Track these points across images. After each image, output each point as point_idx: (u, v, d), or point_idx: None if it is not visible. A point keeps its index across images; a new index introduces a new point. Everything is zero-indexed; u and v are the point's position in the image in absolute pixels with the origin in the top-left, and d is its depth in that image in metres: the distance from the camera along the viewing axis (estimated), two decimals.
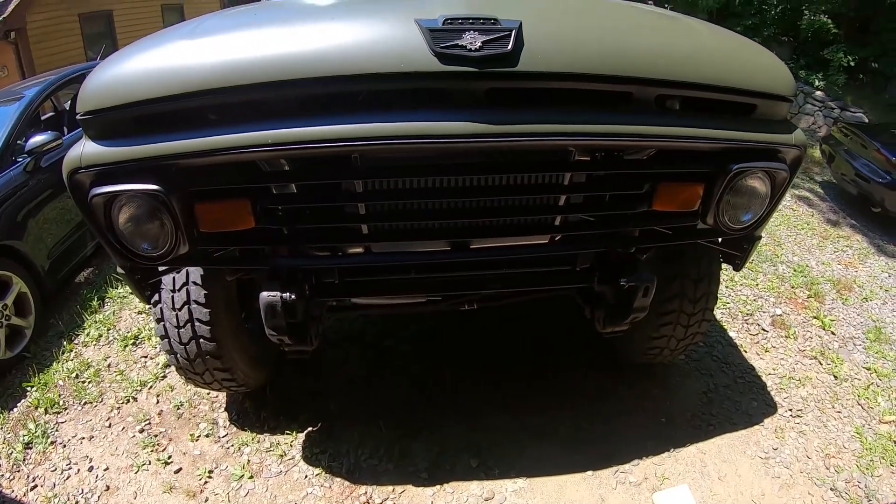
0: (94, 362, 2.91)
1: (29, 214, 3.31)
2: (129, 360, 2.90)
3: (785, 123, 1.49)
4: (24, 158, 3.42)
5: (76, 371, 2.84)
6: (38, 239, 3.32)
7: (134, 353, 2.94)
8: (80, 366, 2.88)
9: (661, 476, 2.21)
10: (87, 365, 2.88)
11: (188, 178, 1.32)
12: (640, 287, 1.69)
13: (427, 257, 1.64)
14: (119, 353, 2.95)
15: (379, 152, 1.35)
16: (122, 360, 2.90)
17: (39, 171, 3.46)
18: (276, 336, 1.68)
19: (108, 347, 3.02)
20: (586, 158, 1.52)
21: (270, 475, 2.20)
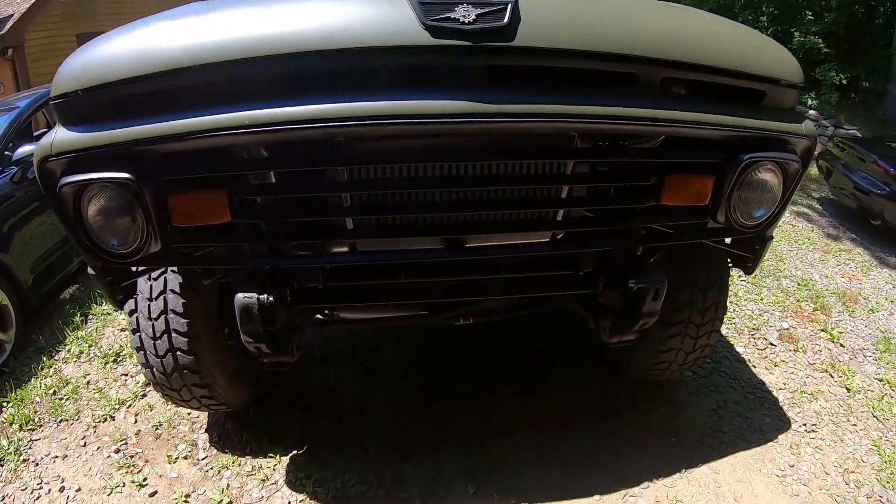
0: (73, 379, 2.72)
1: (14, 226, 3.18)
2: (109, 377, 2.71)
3: (794, 113, 1.39)
4: (12, 169, 3.28)
5: (54, 387, 2.66)
6: (22, 252, 3.18)
7: (114, 371, 2.75)
8: (59, 382, 2.70)
9: (674, 499, 2.02)
10: (66, 382, 2.70)
11: (161, 166, 1.21)
12: (649, 289, 1.52)
13: (418, 256, 1.48)
14: (99, 370, 2.77)
15: (365, 134, 1.21)
16: (102, 378, 2.71)
17: (26, 182, 3.32)
18: (253, 344, 1.51)
19: (89, 364, 2.83)
20: (589, 146, 1.38)
21: (251, 501, 1.99)
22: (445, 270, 1.55)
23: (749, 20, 8.70)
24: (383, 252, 1.52)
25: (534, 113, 1.12)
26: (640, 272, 1.53)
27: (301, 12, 1.14)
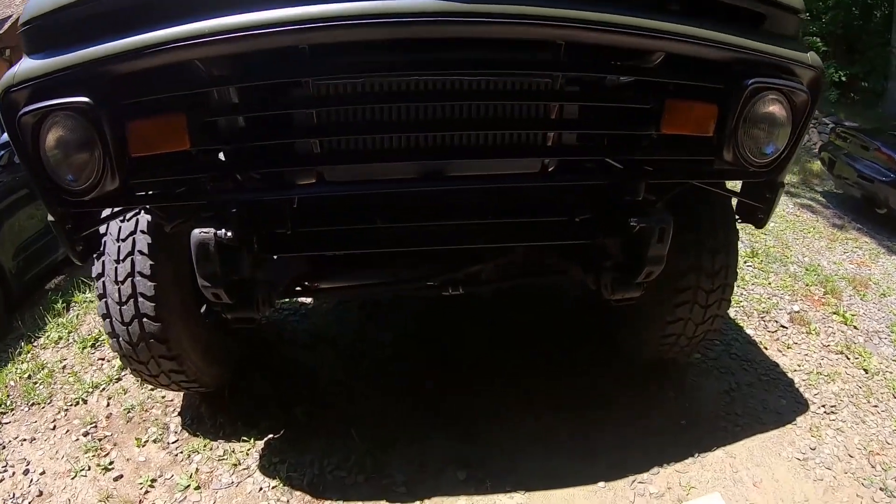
0: (50, 364, 2.52)
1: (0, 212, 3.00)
2: (86, 362, 2.50)
3: (797, 42, 1.28)
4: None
5: (29, 372, 2.48)
6: (6, 238, 3.02)
7: (92, 356, 2.54)
8: (35, 367, 2.51)
9: (687, 485, 1.79)
10: (42, 366, 2.51)
11: (119, 89, 1.13)
12: (653, 230, 1.32)
13: (392, 186, 1.29)
14: (77, 355, 2.57)
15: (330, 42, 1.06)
16: (79, 363, 2.51)
17: (13, 167, 3.16)
18: (210, 289, 1.33)
19: (67, 350, 2.63)
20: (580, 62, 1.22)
21: (220, 486, 1.78)
22: (424, 214, 1.35)
23: None
24: (353, 182, 1.34)
25: (513, 14, 0.98)
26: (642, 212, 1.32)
27: None
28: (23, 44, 1.16)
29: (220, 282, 1.31)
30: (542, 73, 1.20)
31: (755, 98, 1.20)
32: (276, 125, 1.27)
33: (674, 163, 1.35)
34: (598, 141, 1.32)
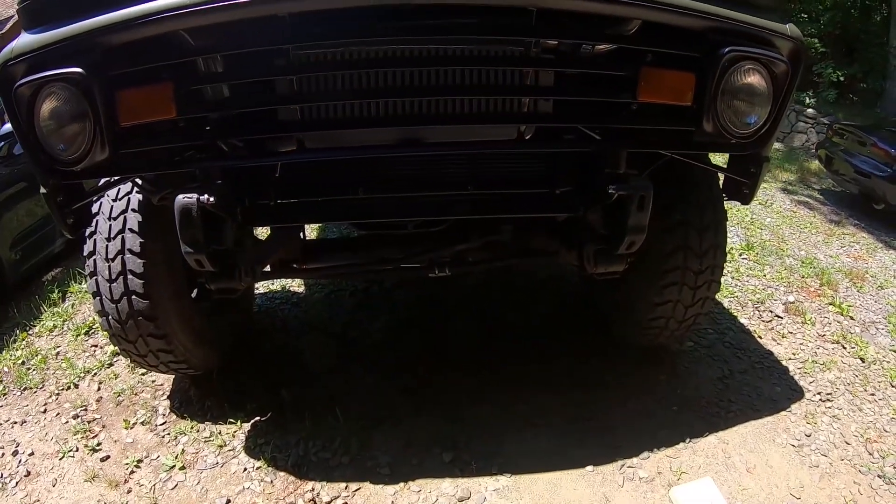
0: (43, 351, 2.50)
1: None
2: (79, 349, 2.48)
3: (776, 13, 1.26)
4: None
5: (23, 358, 2.46)
6: (3, 230, 2.97)
7: (85, 343, 2.52)
8: (29, 354, 2.49)
9: (678, 470, 1.74)
10: (36, 353, 2.49)
11: (109, 60, 1.16)
12: (633, 197, 1.28)
13: (371, 152, 1.27)
14: (70, 342, 2.54)
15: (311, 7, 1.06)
16: (72, 350, 2.48)
17: (12, 158, 3.14)
18: (193, 255, 1.32)
19: (61, 337, 2.61)
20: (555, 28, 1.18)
21: (205, 467, 1.74)
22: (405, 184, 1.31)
23: None
24: (333, 149, 1.32)
25: None
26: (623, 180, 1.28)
27: None
28: (21, 20, 1.18)
29: (202, 248, 1.29)
30: (516, 40, 1.17)
31: (733, 67, 1.18)
32: (259, 93, 1.26)
33: (653, 133, 1.31)
34: (573, 108, 1.29)
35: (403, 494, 1.62)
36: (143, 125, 1.21)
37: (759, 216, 4.62)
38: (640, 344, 2.16)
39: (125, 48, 1.15)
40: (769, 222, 4.47)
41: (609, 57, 1.25)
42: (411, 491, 1.63)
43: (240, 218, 1.37)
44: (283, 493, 1.62)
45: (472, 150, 1.26)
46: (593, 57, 1.24)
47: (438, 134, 1.25)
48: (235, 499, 1.62)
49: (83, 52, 1.13)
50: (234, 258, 1.44)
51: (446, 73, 1.19)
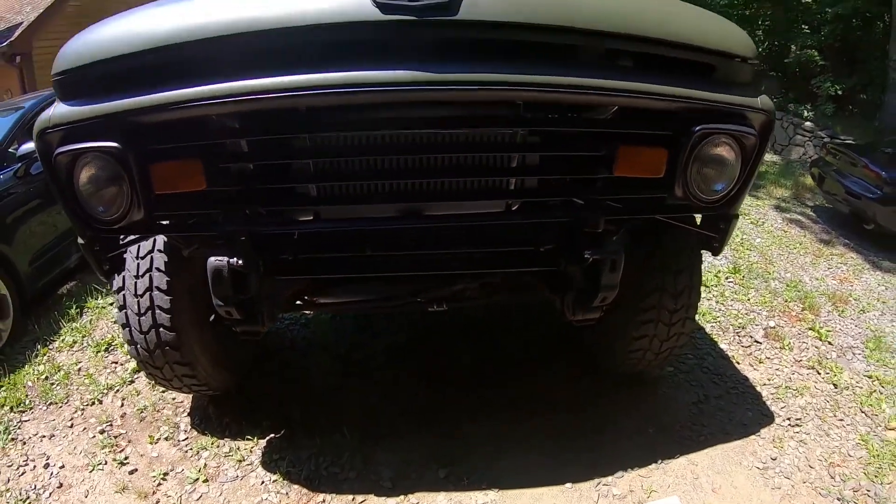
0: (65, 366, 2.75)
1: (16, 220, 3.25)
2: (100, 365, 2.73)
3: (750, 87, 1.40)
4: (17, 165, 3.36)
5: (46, 373, 2.70)
6: (22, 244, 3.23)
7: (105, 359, 2.77)
8: (51, 369, 2.73)
9: (649, 488, 1.98)
10: (58, 368, 2.73)
11: (145, 136, 1.30)
12: (606, 260, 1.52)
13: (377, 223, 1.51)
14: (91, 358, 2.79)
15: (324, 104, 1.27)
16: (93, 366, 2.73)
17: (29, 178, 3.39)
18: (223, 307, 1.56)
19: (81, 353, 2.85)
20: (538, 116, 1.41)
21: (226, 479, 2.00)
22: (407, 244, 1.57)
23: None
24: (345, 220, 1.55)
25: (475, 81, 1.16)
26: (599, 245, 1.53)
27: None
28: (55, 90, 1.33)
29: (231, 301, 1.53)
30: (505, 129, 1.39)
31: (703, 142, 1.33)
32: (280, 171, 1.46)
33: (628, 200, 1.53)
34: (555, 184, 1.51)
35: None
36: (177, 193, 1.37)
37: (749, 236, 4.86)
38: (622, 371, 2.41)
39: (158, 126, 1.29)
40: (759, 243, 4.71)
41: (588, 138, 1.43)
42: (410, 502, 1.89)
43: (262, 270, 1.59)
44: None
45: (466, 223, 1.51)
46: (573, 137, 1.44)
47: (436, 207, 1.48)
48: None
49: (119, 127, 1.26)
50: (257, 306, 1.65)
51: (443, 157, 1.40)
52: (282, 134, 1.37)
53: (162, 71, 1.24)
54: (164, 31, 1.22)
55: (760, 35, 8.97)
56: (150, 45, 1.22)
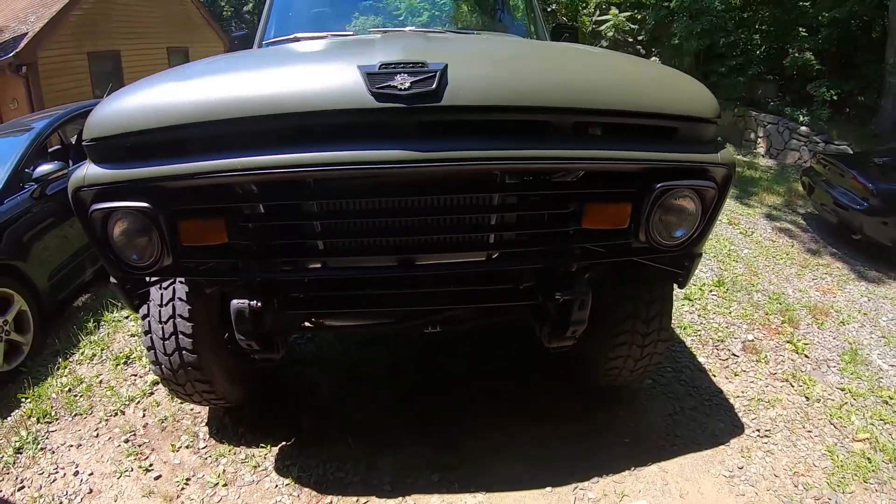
0: (87, 378, 3.01)
1: (33, 238, 3.50)
2: (120, 377, 3.00)
3: (712, 144, 1.58)
4: (32, 185, 3.62)
5: (69, 386, 2.96)
6: (40, 261, 3.49)
7: (125, 372, 3.04)
8: (73, 381, 2.99)
9: (621, 493, 2.23)
10: (80, 380, 3.00)
11: (173, 198, 1.50)
12: (575, 300, 1.78)
13: (376, 272, 1.78)
14: (111, 371, 3.06)
15: (328, 177, 1.51)
16: (114, 378, 3.00)
17: (45, 198, 3.65)
18: (245, 341, 1.82)
19: (101, 366, 3.13)
20: (513, 181, 1.64)
21: (243, 483, 2.27)
22: (403, 284, 1.84)
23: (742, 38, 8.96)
24: (348, 269, 1.82)
25: (458, 158, 1.39)
26: (570, 286, 1.79)
27: (281, 80, 1.47)
28: (87, 152, 1.50)
29: (251, 336, 1.80)
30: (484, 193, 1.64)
31: (664, 196, 1.50)
32: (292, 229, 1.69)
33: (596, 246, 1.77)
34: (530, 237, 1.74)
35: None
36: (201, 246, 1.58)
37: (737, 247, 5.08)
38: (601, 385, 2.68)
39: (186, 190, 1.48)
40: (746, 254, 4.92)
41: (559, 198, 1.64)
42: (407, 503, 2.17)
43: (276, 307, 1.84)
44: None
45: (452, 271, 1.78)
46: (546, 199, 1.68)
47: (427, 257, 1.73)
48: None
49: (149, 191, 1.43)
50: (272, 336, 1.90)
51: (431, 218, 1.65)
52: (293, 199, 1.60)
53: (187, 143, 1.43)
54: (190, 110, 1.41)
55: (758, 39, 9.17)
56: (176, 122, 1.40)
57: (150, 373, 2.97)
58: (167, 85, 1.52)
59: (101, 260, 1.59)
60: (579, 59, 1.81)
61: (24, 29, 8.94)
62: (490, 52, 1.83)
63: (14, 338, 3.18)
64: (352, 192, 1.59)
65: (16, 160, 3.66)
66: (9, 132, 4.23)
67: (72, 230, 3.78)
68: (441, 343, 3.15)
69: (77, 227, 3.80)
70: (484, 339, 3.20)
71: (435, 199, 1.62)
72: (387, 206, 1.62)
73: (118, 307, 3.65)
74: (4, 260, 3.22)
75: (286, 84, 1.44)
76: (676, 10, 8.97)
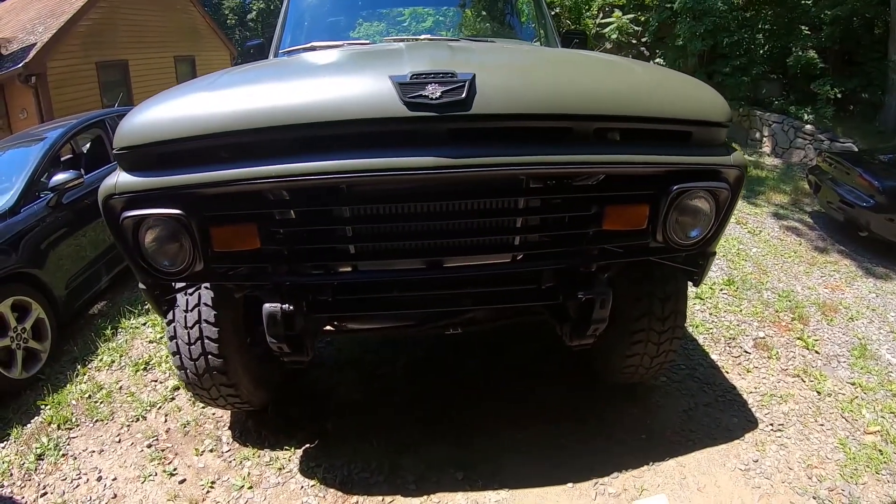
0: (107, 385, 3.08)
1: (50, 246, 3.58)
2: (140, 383, 3.07)
3: (724, 146, 1.66)
4: (48, 195, 3.70)
5: (89, 392, 3.02)
6: (57, 269, 3.57)
7: (144, 378, 3.11)
8: (93, 387, 3.06)
9: (640, 487, 2.30)
10: (100, 387, 3.06)
11: (205, 205, 1.55)
12: (596, 299, 1.85)
13: (405, 274, 1.85)
14: (130, 377, 3.13)
15: (361, 183, 1.58)
16: (133, 384, 3.07)
17: (61, 206, 3.73)
18: (276, 344, 1.88)
19: (120, 372, 3.19)
20: (538, 185, 1.71)
21: (269, 486, 2.33)
22: (430, 285, 1.91)
23: (745, 38, 9.06)
24: (378, 271, 1.89)
25: (487, 164, 1.47)
26: (590, 285, 1.87)
27: (315, 90, 1.54)
28: (118, 161, 1.56)
29: (283, 339, 1.86)
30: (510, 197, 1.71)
31: (680, 198, 1.59)
32: (323, 234, 1.75)
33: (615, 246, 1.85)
34: (552, 238, 1.82)
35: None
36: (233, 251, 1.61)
37: (746, 246, 5.18)
38: (618, 382, 2.76)
39: (218, 197, 1.51)
40: (754, 253, 5.01)
41: (580, 201, 1.71)
42: (432, 502, 2.23)
43: (305, 310, 1.89)
44: None
45: (479, 272, 1.85)
46: (568, 202, 1.75)
47: (454, 260, 1.80)
48: None
49: (181, 198, 1.47)
50: (302, 339, 1.95)
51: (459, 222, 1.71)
52: (325, 206, 1.67)
53: (221, 151, 1.48)
54: (225, 119, 1.45)
55: (761, 38, 9.27)
56: (212, 131, 1.44)
57: (171, 378, 3.04)
58: (200, 94, 1.59)
59: (132, 266, 1.64)
60: (599, 68, 1.89)
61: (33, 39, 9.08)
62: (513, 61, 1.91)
63: (32, 345, 3.26)
64: (383, 197, 1.66)
65: (32, 170, 3.75)
66: (22, 142, 4.32)
67: (87, 238, 3.87)
68: (455, 345, 3.22)
69: (92, 235, 3.89)
70: (496, 340, 3.26)
71: (463, 203, 1.69)
72: (417, 211, 1.69)
73: (135, 314, 3.72)
74: (22, 268, 3.29)
75: (320, 94, 1.51)
76: (679, 11, 9.07)
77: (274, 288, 1.85)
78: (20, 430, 2.78)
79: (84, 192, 3.80)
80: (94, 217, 2.94)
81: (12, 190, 3.62)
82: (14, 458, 2.60)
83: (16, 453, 2.63)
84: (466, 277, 1.91)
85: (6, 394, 3.06)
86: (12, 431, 2.78)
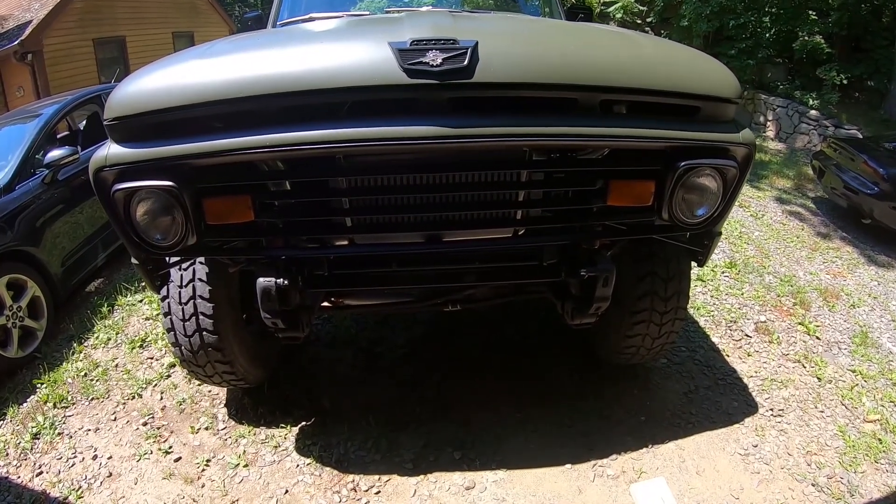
0: (103, 363, 3.05)
1: (45, 224, 3.52)
2: (136, 361, 3.03)
3: (732, 124, 1.59)
4: (43, 171, 3.63)
5: (85, 370, 2.99)
6: (52, 247, 3.51)
7: (140, 355, 3.08)
8: (89, 365, 3.03)
9: (639, 470, 2.28)
10: (96, 365, 3.03)
11: (198, 176, 1.49)
12: (599, 277, 1.80)
13: (403, 248, 1.79)
14: (126, 354, 3.09)
15: (359, 153, 1.51)
16: (129, 361, 3.03)
17: (57, 183, 3.67)
18: (270, 319, 1.83)
19: (116, 350, 3.16)
20: (541, 158, 1.65)
21: (264, 464, 2.31)
22: (428, 261, 1.86)
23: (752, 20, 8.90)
24: (376, 245, 1.83)
25: (489, 134, 1.39)
26: (593, 262, 1.81)
27: (311, 57, 1.46)
28: (108, 132, 1.47)
29: (277, 314, 1.81)
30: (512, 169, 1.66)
31: (687, 175, 1.52)
32: (319, 206, 1.69)
33: (619, 223, 1.80)
34: (555, 213, 1.76)
35: (423, 484, 2.19)
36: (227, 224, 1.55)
37: (748, 229, 5.12)
38: (618, 363, 2.72)
39: (211, 168, 1.46)
40: (757, 236, 4.96)
41: (584, 175, 1.65)
42: (429, 481, 2.20)
43: (301, 285, 1.85)
44: (331, 484, 2.19)
45: (479, 247, 1.79)
46: (572, 176, 1.69)
47: (454, 234, 1.74)
48: (292, 489, 2.18)
49: (174, 169, 1.40)
50: (297, 314, 1.90)
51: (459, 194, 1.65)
52: (322, 176, 1.61)
53: (214, 120, 1.42)
54: (218, 87, 1.38)
55: (767, 21, 9.10)
56: (205, 98, 1.37)
57: (167, 355, 3.00)
58: (193, 62, 1.51)
59: (123, 240, 1.58)
60: (605, 39, 1.82)
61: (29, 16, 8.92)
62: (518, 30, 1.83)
63: (28, 324, 3.22)
64: (380, 167, 1.60)
65: (26, 146, 3.67)
66: (17, 119, 4.24)
67: (83, 215, 3.81)
68: (454, 323, 3.19)
69: (88, 212, 3.83)
70: (495, 318, 3.22)
71: (463, 175, 1.63)
72: (416, 182, 1.63)
73: (132, 291, 3.68)
74: (17, 246, 3.24)
75: (316, 60, 1.44)
76: None
77: (269, 262, 1.80)
78: (16, 409, 2.75)
79: (80, 168, 3.73)
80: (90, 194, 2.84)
81: (7, 167, 3.55)
82: (10, 438, 2.57)
83: (12, 433, 2.61)
84: (466, 252, 1.85)
85: (2, 373, 3.03)
86: (8, 410, 2.75)
